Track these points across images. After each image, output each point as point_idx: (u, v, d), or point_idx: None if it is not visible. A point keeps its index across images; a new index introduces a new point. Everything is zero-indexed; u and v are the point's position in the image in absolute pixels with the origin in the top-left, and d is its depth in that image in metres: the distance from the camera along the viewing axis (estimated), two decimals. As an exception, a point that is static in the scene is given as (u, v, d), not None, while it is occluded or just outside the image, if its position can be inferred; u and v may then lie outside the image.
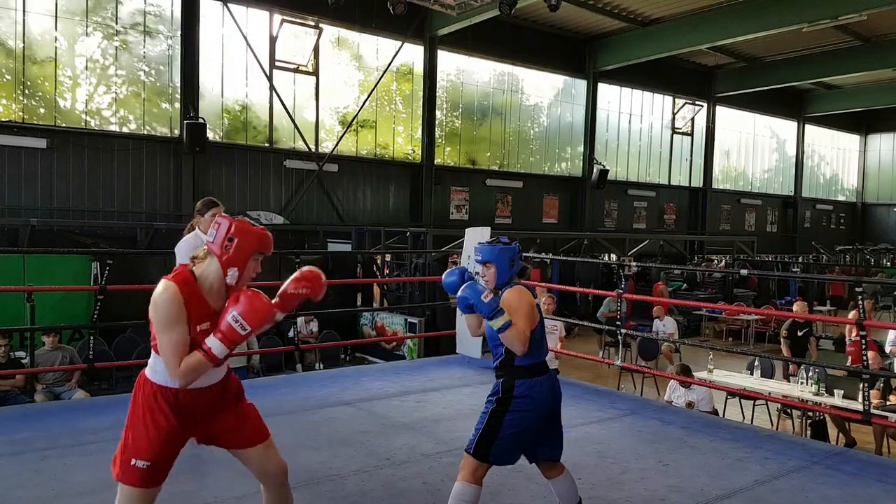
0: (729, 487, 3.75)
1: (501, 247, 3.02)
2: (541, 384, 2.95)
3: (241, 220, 2.34)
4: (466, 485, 2.86)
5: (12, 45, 11.59)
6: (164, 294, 2.22)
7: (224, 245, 2.28)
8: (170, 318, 2.21)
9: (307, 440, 4.34)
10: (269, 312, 2.25)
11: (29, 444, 4.07)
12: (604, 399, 5.62)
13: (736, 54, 19.83)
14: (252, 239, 2.30)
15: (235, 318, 2.20)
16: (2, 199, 11.37)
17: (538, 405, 2.94)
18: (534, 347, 2.94)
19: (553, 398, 3.02)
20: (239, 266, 2.29)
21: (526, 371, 2.95)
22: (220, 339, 2.21)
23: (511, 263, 3.01)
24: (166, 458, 2.33)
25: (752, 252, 18.65)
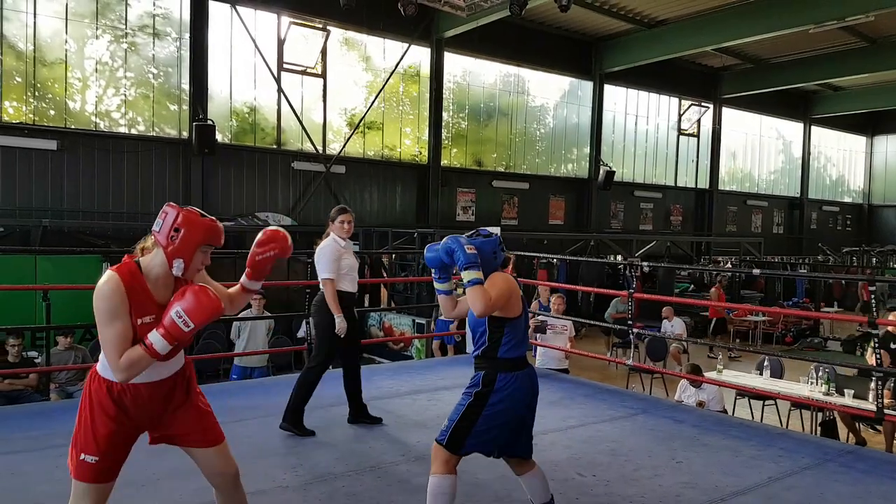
0: (743, 484, 3.77)
1: (483, 239, 2.97)
2: (521, 379, 2.91)
3: (189, 210, 2.26)
4: (442, 477, 2.82)
5: (23, 48, 11.67)
6: (105, 285, 2.15)
7: (170, 235, 2.21)
8: (110, 311, 2.14)
9: (323, 437, 4.37)
10: (214, 309, 2.17)
11: (47, 440, 4.11)
12: (615, 398, 5.63)
13: (742, 56, 19.83)
14: (198, 230, 2.22)
15: (179, 314, 2.13)
16: (13, 200, 11.45)
17: (517, 401, 2.89)
18: (516, 340, 2.91)
19: (532, 394, 2.98)
20: (185, 257, 2.21)
21: (508, 364, 2.90)
22: (163, 334, 2.14)
23: (494, 254, 2.95)
24: (115, 453, 2.28)
25: (758, 253, 18.63)
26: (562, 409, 5.21)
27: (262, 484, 3.51)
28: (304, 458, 3.94)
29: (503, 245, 3.03)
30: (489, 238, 2.98)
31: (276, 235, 2.59)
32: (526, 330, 3.01)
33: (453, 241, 2.84)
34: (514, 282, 2.94)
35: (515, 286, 2.93)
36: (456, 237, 2.87)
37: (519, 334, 2.92)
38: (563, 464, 3.95)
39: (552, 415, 5.01)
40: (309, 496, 3.43)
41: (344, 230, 4.51)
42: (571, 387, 5.99)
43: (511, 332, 2.90)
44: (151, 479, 3.52)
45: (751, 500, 3.55)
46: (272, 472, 3.70)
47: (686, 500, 3.53)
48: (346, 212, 4.55)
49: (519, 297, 2.93)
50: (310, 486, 3.54)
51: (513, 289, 2.90)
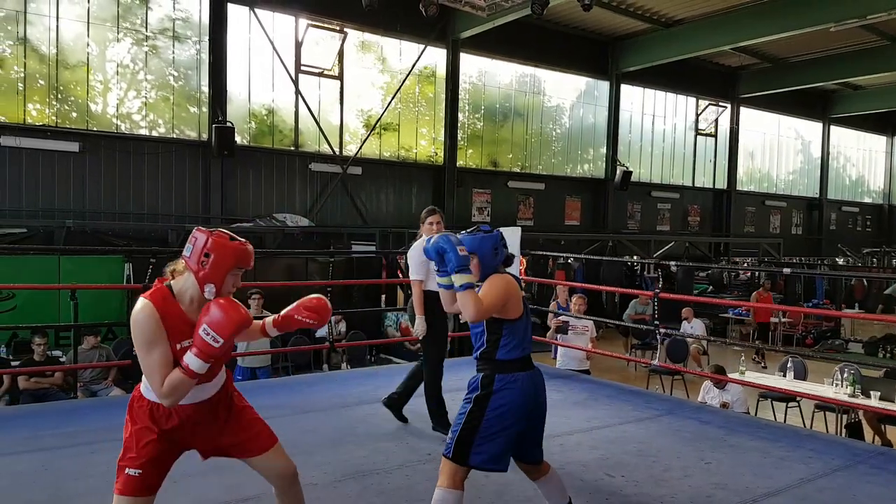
0: (774, 486, 3.74)
1: (483, 235, 2.84)
2: (522, 380, 2.78)
3: (218, 233, 2.22)
4: (446, 491, 2.70)
5: (45, 52, 11.81)
6: (140, 313, 2.15)
7: (200, 261, 2.18)
8: (147, 339, 2.15)
9: (348, 435, 4.38)
10: (240, 321, 2.14)
11: (78, 437, 4.16)
12: (638, 399, 5.61)
13: (760, 55, 19.68)
14: (228, 254, 2.20)
15: (206, 331, 2.11)
16: (36, 201, 11.59)
17: (518, 404, 2.75)
18: (516, 341, 2.80)
19: (536, 396, 2.84)
20: (216, 282, 2.19)
21: (508, 365, 2.79)
22: (196, 353, 2.12)
23: (494, 252, 2.83)
24: (158, 469, 2.30)
25: (777, 254, 18.46)
26: (586, 409, 5.19)
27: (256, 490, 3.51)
28: (331, 457, 3.95)
29: (505, 242, 2.91)
30: (489, 234, 2.86)
31: (322, 309, 2.57)
32: (528, 331, 2.88)
33: (444, 241, 2.67)
34: (512, 283, 2.83)
35: (514, 288, 2.82)
36: (447, 236, 2.69)
37: (518, 336, 2.82)
38: (591, 464, 3.94)
39: (577, 415, 4.99)
40: (339, 493, 3.44)
41: (433, 231, 4.44)
42: (594, 387, 5.97)
43: (510, 334, 2.80)
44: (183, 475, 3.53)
45: (783, 502, 3.52)
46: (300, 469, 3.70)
47: (717, 500, 3.51)
48: (435, 213, 4.49)
49: (519, 299, 2.83)
50: (339, 484, 3.55)
51: (511, 291, 2.78)
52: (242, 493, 3.36)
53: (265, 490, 3.24)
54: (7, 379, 6.94)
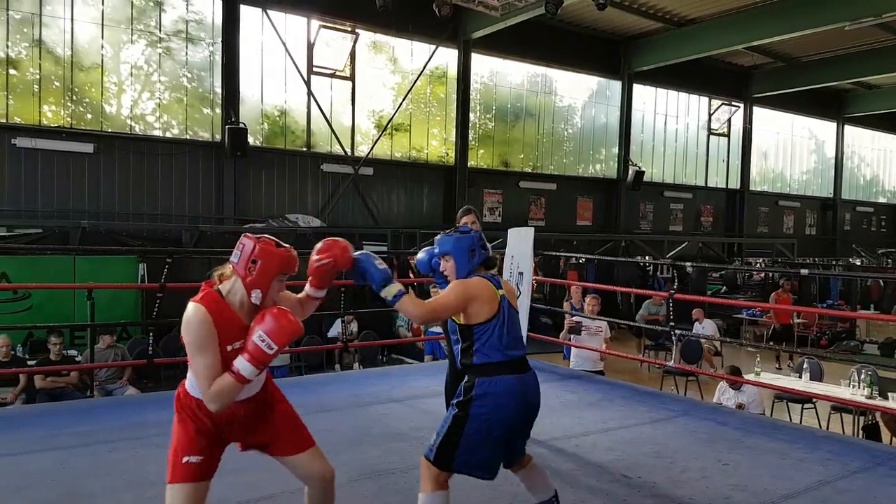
0: (793, 487, 3.70)
1: (458, 236, 2.77)
2: (507, 383, 2.64)
3: (265, 240, 2.30)
4: (431, 495, 2.62)
5: (60, 53, 11.89)
6: (194, 317, 2.22)
7: (248, 267, 2.26)
8: (198, 342, 2.21)
9: (363, 435, 4.38)
10: (295, 331, 2.23)
11: (95, 436, 4.18)
12: (654, 400, 5.57)
13: (773, 54, 19.54)
14: (275, 261, 2.28)
15: (262, 338, 2.18)
16: (51, 201, 11.68)
17: (502, 409, 2.62)
18: (490, 344, 2.66)
19: (525, 399, 2.69)
20: (262, 288, 2.27)
21: (487, 368, 2.67)
22: (248, 360, 2.19)
23: (470, 253, 2.74)
24: (212, 458, 2.37)
25: (791, 255, 18.33)
26: (601, 410, 5.17)
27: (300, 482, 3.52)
28: (347, 456, 3.95)
29: (484, 243, 2.80)
30: (465, 235, 2.77)
31: (333, 245, 2.58)
32: (507, 332, 2.70)
33: (364, 261, 2.58)
34: (477, 285, 2.70)
35: (479, 290, 2.69)
36: (367, 254, 2.61)
37: (494, 337, 2.67)
38: (607, 465, 3.92)
39: (592, 416, 4.97)
40: (356, 493, 3.44)
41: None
42: (609, 388, 5.94)
43: (483, 337, 2.67)
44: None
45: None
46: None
47: (736, 502, 3.48)
48: (470, 212, 4.40)
49: (488, 300, 2.68)
50: (355, 484, 3.55)
51: (473, 293, 2.67)
52: (262, 491, 3.37)
53: (284, 488, 3.28)
54: (23, 378, 7.00)
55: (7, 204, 11.42)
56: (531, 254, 6.67)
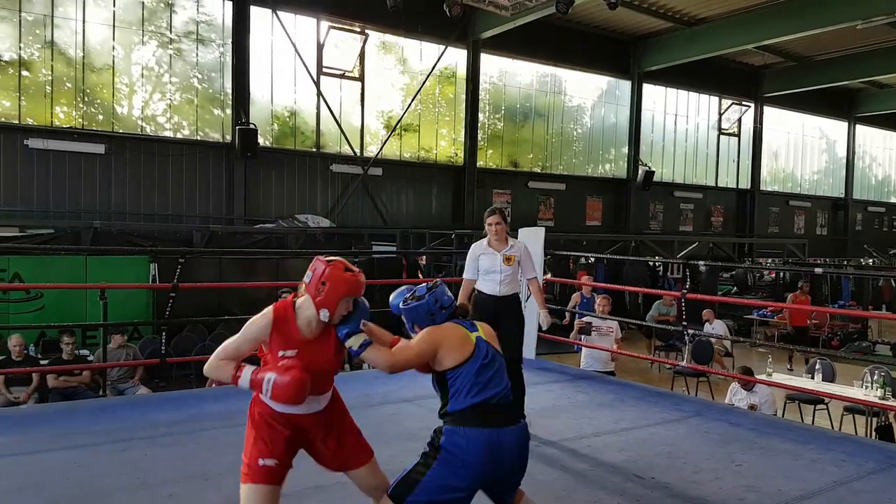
0: (807, 488, 3.68)
1: (413, 305, 2.66)
2: (473, 438, 2.42)
3: (335, 264, 2.45)
4: None
5: (72, 55, 11.97)
6: (262, 314, 2.45)
7: (318, 288, 2.41)
8: (249, 332, 2.43)
9: (376, 434, 4.32)
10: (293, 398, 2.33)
11: (108, 435, 4.20)
12: (666, 401, 5.55)
13: (784, 53, 19.45)
14: (342, 284, 2.42)
15: (269, 381, 2.32)
16: (63, 202, 11.76)
17: (467, 465, 2.41)
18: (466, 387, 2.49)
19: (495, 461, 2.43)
20: (329, 308, 2.41)
21: (458, 417, 2.48)
22: (250, 380, 2.36)
23: (430, 317, 2.63)
24: (285, 461, 2.49)
25: (802, 255, 18.22)
26: (613, 411, 5.15)
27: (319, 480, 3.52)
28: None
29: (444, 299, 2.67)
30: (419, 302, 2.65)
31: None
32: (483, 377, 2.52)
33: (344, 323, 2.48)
34: (443, 331, 2.60)
35: (445, 335, 2.58)
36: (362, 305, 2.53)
37: (468, 382, 2.50)
38: (620, 466, 3.91)
39: (603, 417, 4.96)
40: (368, 493, 3.44)
41: (491, 231, 4.43)
42: (620, 389, 5.92)
43: (456, 382, 2.52)
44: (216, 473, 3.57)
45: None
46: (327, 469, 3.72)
47: (750, 503, 3.46)
48: (494, 213, 4.42)
49: (457, 345, 2.56)
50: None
51: (437, 340, 2.56)
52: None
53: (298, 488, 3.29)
54: (36, 377, 7.04)
55: (19, 204, 11.52)
56: (541, 254, 6.67)
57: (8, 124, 11.54)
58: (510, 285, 4.39)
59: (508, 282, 4.38)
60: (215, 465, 3.62)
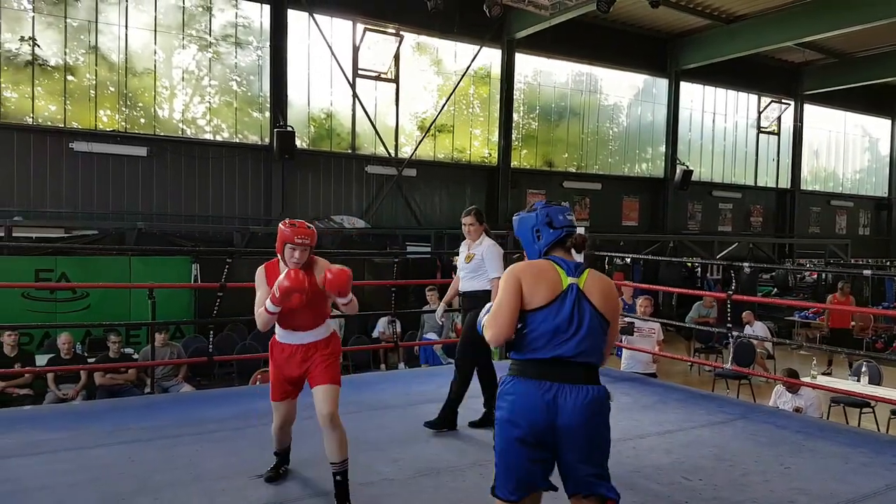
0: (858, 492, 3.61)
1: (521, 216, 2.45)
2: (527, 387, 2.27)
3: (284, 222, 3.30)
4: None
5: (115, 60, 12.24)
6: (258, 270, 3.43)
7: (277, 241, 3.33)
8: (256, 283, 3.39)
9: (419, 432, 4.42)
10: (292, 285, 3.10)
11: (159, 431, 4.29)
12: (711, 403, 5.48)
13: (825, 50, 19.01)
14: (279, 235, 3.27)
15: (275, 287, 3.15)
16: (107, 204, 12.03)
17: (523, 410, 2.24)
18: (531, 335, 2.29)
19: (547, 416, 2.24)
20: (279, 253, 3.31)
21: (514, 367, 2.35)
22: (271, 299, 3.17)
23: (535, 235, 2.39)
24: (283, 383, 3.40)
25: (845, 256, 17.82)
26: (657, 413, 5.11)
27: (367, 476, 3.57)
28: (404, 453, 3.99)
29: (554, 219, 2.40)
30: (528, 214, 2.45)
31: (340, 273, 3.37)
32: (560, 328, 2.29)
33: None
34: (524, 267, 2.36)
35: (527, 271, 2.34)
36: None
37: (536, 331, 2.29)
38: (666, 468, 3.87)
39: (648, 419, 4.92)
40: (415, 489, 3.48)
41: (465, 231, 4.72)
42: (663, 391, 5.87)
43: (529, 325, 2.31)
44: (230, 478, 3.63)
45: (871, 509, 3.40)
46: (375, 464, 3.77)
47: (801, 506, 3.41)
48: (469, 214, 4.71)
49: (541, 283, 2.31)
50: (413, 481, 3.59)
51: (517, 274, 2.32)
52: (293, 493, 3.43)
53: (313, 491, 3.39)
54: (84, 375, 7.22)
55: (65, 206, 11.80)
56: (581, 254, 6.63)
57: (54, 128, 11.84)
58: (470, 282, 4.64)
59: (469, 278, 4.64)
60: (263, 461, 3.68)
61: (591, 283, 2.37)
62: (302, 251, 3.24)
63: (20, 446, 3.97)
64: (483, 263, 4.54)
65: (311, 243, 3.26)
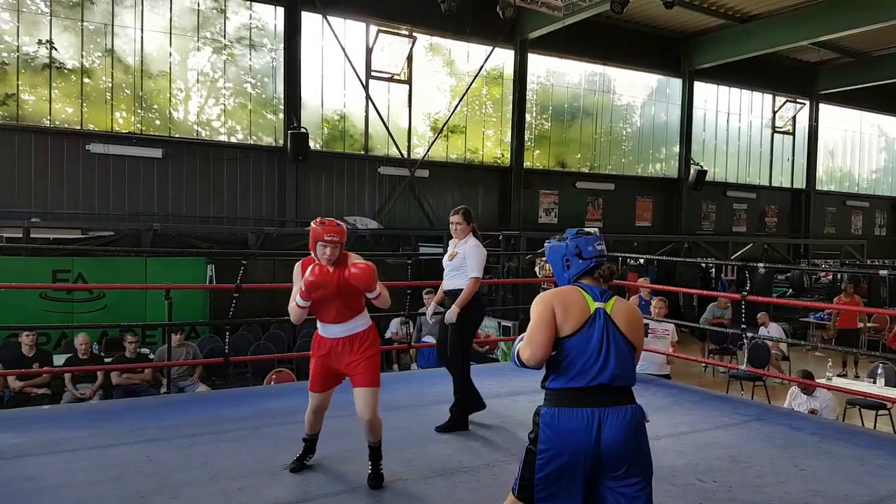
0: (874, 494, 3.60)
1: (552, 245, 2.54)
2: (569, 417, 2.30)
3: (317, 221, 3.44)
4: None
5: (130, 62, 12.36)
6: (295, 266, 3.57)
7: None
8: (293, 280, 3.50)
9: (432, 433, 4.43)
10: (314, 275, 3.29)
11: (176, 430, 4.33)
12: (725, 405, 5.46)
13: (841, 49, 18.86)
14: (311, 234, 3.41)
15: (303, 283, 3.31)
16: (123, 205, 12.15)
17: (564, 444, 2.30)
18: (564, 364, 2.36)
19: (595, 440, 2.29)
20: (311, 250, 3.44)
21: (552, 397, 2.38)
22: (300, 293, 3.34)
23: (564, 264, 2.49)
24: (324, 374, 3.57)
25: (861, 256, 17.66)
26: (671, 414, 5.10)
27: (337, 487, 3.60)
28: (419, 453, 4.01)
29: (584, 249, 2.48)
30: (559, 243, 2.53)
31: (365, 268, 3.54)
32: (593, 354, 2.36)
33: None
34: (555, 294, 2.45)
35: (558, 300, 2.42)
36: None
37: (567, 358, 2.36)
38: (681, 469, 3.87)
39: (661, 421, 4.90)
40: (430, 490, 3.50)
41: (452, 230, 4.74)
42: (677, 392, 5.86)
43: (561, 354, 2.38)
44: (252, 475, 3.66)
45: (887, 512, 3.39)
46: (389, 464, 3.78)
47: (817, 508, 3.40)
48: (457, 213, 4.72)
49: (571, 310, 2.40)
50: (429, 481, 3.61)
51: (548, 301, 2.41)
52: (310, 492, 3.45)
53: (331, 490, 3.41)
54: (101, 375, 7.30)
55: (81, 207, 11.93)
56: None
57: (71, 130, 11.97)
58: (453, 280, 4.67)
59: (452, 276, 4.68)
60: (279, 461, 3.72)
61: (618, 309, 2.45)
62: (332, 248, 3.38)
63: (41, 445, 4.03)
64: (465, 262, 4.58)
65: (341, 240, 3.40)
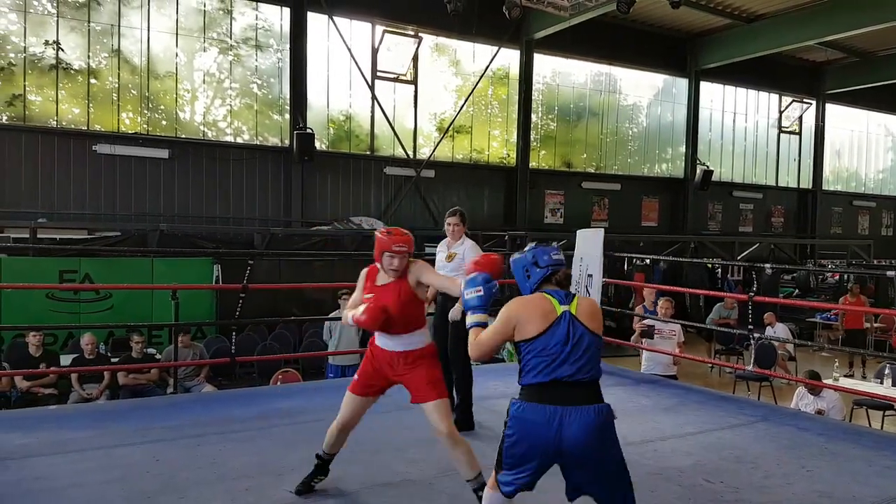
0: (882, 495, 3.58)
1: (514, 258, 2.72)
2: (533, 411, 2.49)
3: (383, 230, 3.28)
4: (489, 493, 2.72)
5: (137, 63, 12.41)
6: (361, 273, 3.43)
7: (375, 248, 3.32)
8: (358, 285, 3.41)
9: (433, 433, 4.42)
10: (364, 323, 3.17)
11: (183, 431, 4.34)
12: (730, 405, 5.45)
13: (847, 49, 18.79)
14: (377, 244, 3.25)
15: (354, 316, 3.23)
16: (129, 205, 12.19)
17: (528, 436, 2.49)
18: (533, 362, 2.53)
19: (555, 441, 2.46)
20: (377, 260, 3.28)
21: (525, 392, 2.56)
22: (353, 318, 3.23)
23: (524, 273, 2.68)
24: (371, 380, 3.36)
25: (867, 256, 17.59)
26: (677, 415, 5.09)
27: (387, 476, 3.60)
28: (426, 454, 4.00)
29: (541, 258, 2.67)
30: (520, 255, 2.73)
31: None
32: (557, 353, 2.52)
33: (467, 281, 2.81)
34: (521, 303, 2.63)
35: (522, 309, 2.60)
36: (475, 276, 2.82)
37: (535, 357, 2.53)
38: (687, 470, 3.86)
39: (668, 421, 4.90)
40: (436, 490, 3.50)
41: (448, 231, 4.80)
42: (683, 393, 5.84)
43: (528, 356, 2.55)
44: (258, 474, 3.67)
45: (895, 513, 3.37)
46: (395, 465, 3.80)
47: (824, 510, 3.39)
48: (454, 214, 4.79)
49: (537, 316, 2.56)
50: (435, 481, 3.61)
51: (513, 317, 2.59)
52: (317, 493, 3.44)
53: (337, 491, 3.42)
54: (108, 375, 7.32)
55: (88, 207, 11.98)
56: (601, 256, 6.62)
57: (77, 130, 12.03)
58: None
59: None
60: (286, 461, 3.73)
61: (581, 307, 2.64)
62: (400, 259, 3.19)
63: (48, 445, 4.04)
64: (464, 262, 4.57)
65: (409, 250, 3.21)
